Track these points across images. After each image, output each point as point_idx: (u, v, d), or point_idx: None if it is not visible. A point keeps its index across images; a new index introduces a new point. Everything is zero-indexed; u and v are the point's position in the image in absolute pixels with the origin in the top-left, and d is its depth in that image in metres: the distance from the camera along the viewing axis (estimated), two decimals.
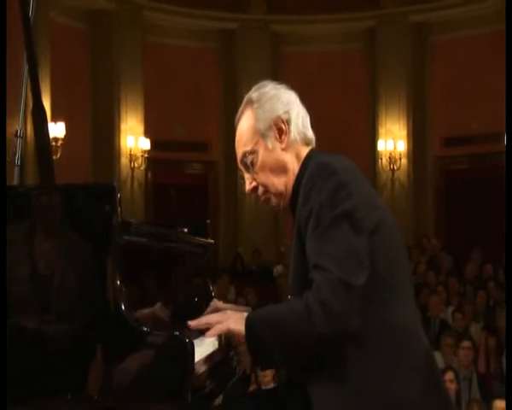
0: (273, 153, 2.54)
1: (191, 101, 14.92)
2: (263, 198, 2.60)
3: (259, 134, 2.55)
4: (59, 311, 2.28)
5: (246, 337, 2.34)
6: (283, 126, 2.54)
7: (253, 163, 2.56)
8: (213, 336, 2.44)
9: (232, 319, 2.41)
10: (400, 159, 14.69)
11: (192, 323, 2.48)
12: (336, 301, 2.22)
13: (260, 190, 2.58)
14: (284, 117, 2.55)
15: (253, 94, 2.61)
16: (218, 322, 2.42)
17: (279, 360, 2.48)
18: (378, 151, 14.89)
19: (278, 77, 11.05)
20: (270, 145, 2.54)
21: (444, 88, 14.74)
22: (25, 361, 2.26)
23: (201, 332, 2.46)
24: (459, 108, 14.45)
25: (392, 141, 14.76)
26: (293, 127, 2.56)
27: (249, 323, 2.35)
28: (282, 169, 2.55)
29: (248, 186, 2.60)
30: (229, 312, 2.52)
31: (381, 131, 14.93)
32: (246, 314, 2.40)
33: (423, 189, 15.03)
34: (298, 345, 2.31)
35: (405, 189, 14.82)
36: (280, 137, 2.55)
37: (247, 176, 2.60)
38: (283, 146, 2.55)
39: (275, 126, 2.54)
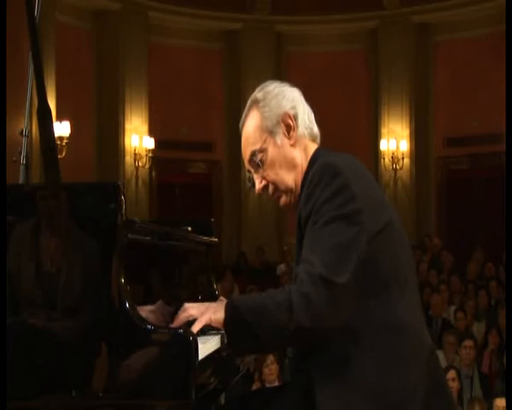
0: (282, 149, 2.53)
1: (195, 100, 14.94)
2: (273, 197, 2.59)
3: (267, 131, 2.53)
4: (64, 308, 2.26)
5: (224, 322, 2.29)
6: (291, 122, 2.53)
7: (262, 161, 2.54)
8: (199, 328, 2.32)
9: (212, 309, 2.34)
10: (403, 159, 14.69)
11: (174, 323, 2.37)
12: (318, 296, 2.20)
13: (270, 188, 2.57)
14: (291, 112, 2.54)
15: (258, 94, 2.60)
16: (200, 314, 2.34)
17: (255, 348, 2.42)
18: (380, 151, 14.89)
19: (282, 77, 11.07)
20: (278, 142, 2.52)
21: (446, 88, 14.73)
22: (29, 358, 2.25)
23: (203, 331, 2.47)
24: (461, 108, 14.44)
25: (395, 141, 14.75)
26: (300, 122, 2.55)
27: (229, 308, 2.30)
28: (291, 165, 2.53)
29: (258, 186, 2.57)
30: (206, 303, 2.43)
31: (384, 130, 14.93)
32: (225, 302, 2.35)
33: (425, 188, 15.03)
34: (275, 334, 2.27)
35: (407, 188, 14.82)
36: (288, 133, 2.53)
37: (256, 176, 2.58)
38: (292, 142, 2.54)
39: (282, 123, 2.53)
